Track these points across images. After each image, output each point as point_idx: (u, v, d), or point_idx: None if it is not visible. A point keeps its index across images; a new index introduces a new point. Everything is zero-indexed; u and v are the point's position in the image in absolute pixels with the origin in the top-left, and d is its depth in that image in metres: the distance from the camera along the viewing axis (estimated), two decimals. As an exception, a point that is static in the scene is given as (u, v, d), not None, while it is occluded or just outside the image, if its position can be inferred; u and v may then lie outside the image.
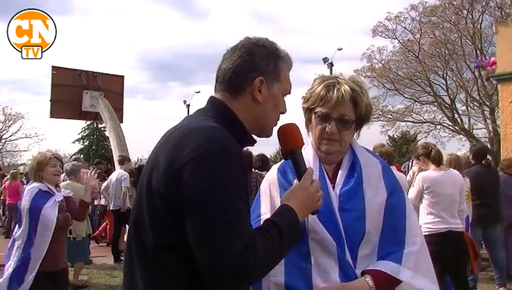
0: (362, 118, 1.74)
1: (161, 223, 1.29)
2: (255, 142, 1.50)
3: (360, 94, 1.70)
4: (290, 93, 1.52)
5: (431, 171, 4.72)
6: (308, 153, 1.73)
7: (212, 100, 1.47)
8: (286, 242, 1.34)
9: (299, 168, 1.50)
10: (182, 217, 1.24)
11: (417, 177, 4.83)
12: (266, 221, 1.38)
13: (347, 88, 1.68)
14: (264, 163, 6.52)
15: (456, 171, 4.95)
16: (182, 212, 1.24)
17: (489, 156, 7.38)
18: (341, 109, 1.68)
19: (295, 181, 1.53)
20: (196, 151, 1.25)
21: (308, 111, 1.77)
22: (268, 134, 1.52)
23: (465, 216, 5.08)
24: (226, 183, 1.24)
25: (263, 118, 1.47)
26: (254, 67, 1.42)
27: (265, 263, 1.28)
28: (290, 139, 1.52)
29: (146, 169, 1.38)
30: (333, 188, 1.68)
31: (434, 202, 4.59)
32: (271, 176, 1.80)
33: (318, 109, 1.71)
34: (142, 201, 1.35)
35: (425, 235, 4.29)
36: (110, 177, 9.02)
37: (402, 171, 7.07)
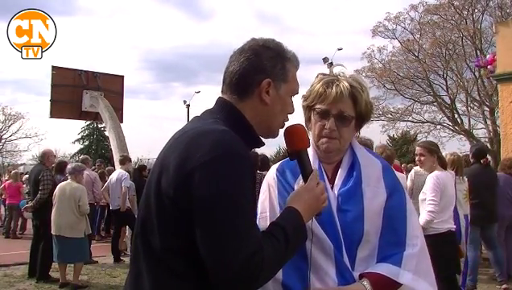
0: (362, 115, 1.72)
1: (169, 225, 1.30)
2: (263, 144, 1.50)
3: (359, 91, 1.69)
4: (297, 93, 1.52)
5: (439, 172, 4.69)
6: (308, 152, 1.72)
7: (220, 101, 1.46)
8: (292, 245, 1.34)
9: (305, 169, 1.51)
10: (190, 221, 1.24)
11: (433, 178, 4.63)
12: (272, 224, 1.38)
13: (346, 84, 1.67)
14: (264, 163, 6.54)
15: (452, 173, 5.02)
16: (191, 215, 1.24)
17: (488, 156, 7.40)
18: (340, 106, 1.67)
19: (301, 183, 1.53)
20: (206, 156, 1.25)
21: (308, 109, 1.76)
22: (274, 136, 1.52)
23: (462, 215, 5.11)
24: (236, 187, 1.25)
25: (271, 120, 1.47)
26: (261, 69, 1.42)
27: (271, 267, 1.29)
28: (296, 140, 1.53)
29: (155, 170, 1.37)
30: (332, 188, 1.67)
31: (442, 203, 4.58)
32: (270, 176, 1.80)
33: (317, 106, 1.70)
34: (151, 202, 1.35)
35: (430, 235, 4.33)
36: (110, 177, 9.02)
37: (401, 171, 7.07)
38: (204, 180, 1.23)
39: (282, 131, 1.53)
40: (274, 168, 1.82)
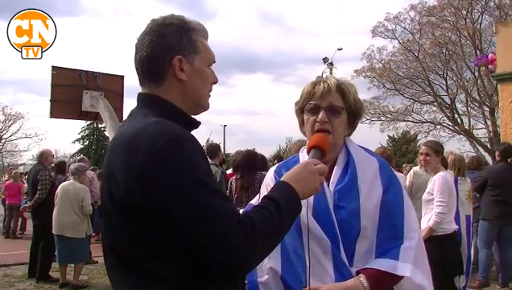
0: (352, 110, 1.76)
1: (139, 233, 1.23)
2: (199, 123, 1.45)
3: (346, 86, 1.75)
4: (214, 61, 1.47)
5: (444, 173, 4.67)
6: (305, 155, 1.74)
7: (141, 96, 1.42)
8: (285, 217, 1.31)
9: None
10: (161, 222, 1.19)
11: (441, 178, 4.58)
12: (264, 197, 1.35)
13: (333, 80, 1.75)
14: (263, 163, 6.54)
15: (452, 173, 5.01)
16: (154, 212, 1.19)
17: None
18: (329, 99, 1.72)
19: None
20: (150, 150, 1.19)
21: (300, 112, 1.81)
22: (205, 108, 1.47)
23: (463, 216, 5.11)
24: (193, 171, 1.20)
25: (195, 95, 1.42)
26: (168, 47, 1.36)
27: (266, 235, 1.25)
28: (318, 140, 1.63)
29: (105, 186, 1.31)
30: (328, 186, 1.69)
31: (448, 203, 4.56)
32: (269, 176, 1.86)
33: (308, 104, 1.75)
34: (112, 220, 1.29)
35: (438, 235, 4.31)
36: None
37: (401, 171, 7.08)
38: (157, 174, 1.18)
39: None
40: (272, 170, 1.88)
